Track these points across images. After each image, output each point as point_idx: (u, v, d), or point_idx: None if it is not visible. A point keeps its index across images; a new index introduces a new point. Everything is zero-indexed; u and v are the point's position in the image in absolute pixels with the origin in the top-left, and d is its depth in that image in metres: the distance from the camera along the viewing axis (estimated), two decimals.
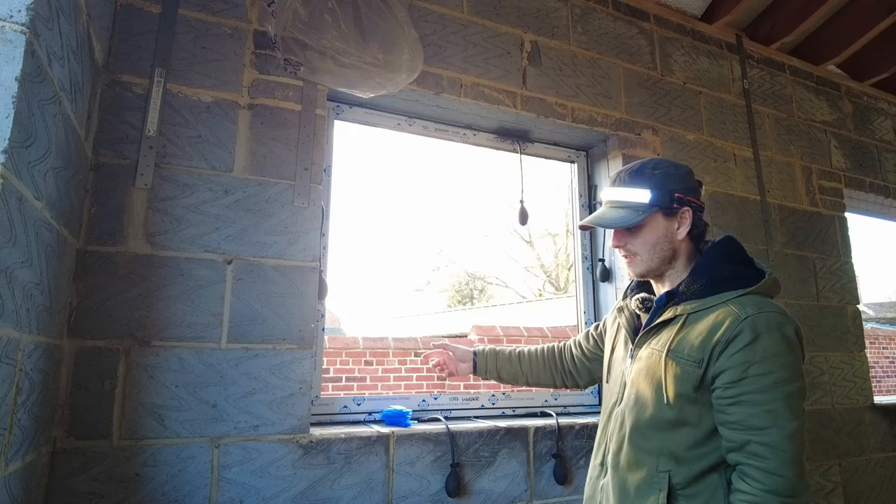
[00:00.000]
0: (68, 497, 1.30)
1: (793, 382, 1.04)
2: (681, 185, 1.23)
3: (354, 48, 1.62)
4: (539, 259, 20.26)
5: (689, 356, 1.10)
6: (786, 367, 1.04)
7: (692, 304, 1.15)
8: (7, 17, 0.87)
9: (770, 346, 1.04)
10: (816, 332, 2.64)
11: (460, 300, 21.32)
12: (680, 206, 1.22)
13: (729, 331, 1.06)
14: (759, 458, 1.01)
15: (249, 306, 1.55)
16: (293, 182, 1.68)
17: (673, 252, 1.23)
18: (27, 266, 0.98)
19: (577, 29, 2.33)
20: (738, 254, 1.22)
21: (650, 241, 1.22)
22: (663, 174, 1.24)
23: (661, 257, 1.23)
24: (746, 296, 1.12)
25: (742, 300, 1.11)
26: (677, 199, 1.21)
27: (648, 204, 1.21)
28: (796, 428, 1.01)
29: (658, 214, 1.22)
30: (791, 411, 1.02)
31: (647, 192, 1.22)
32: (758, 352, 1.04)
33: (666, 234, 1.22)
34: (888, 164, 3.24)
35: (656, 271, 1.25)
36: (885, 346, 11.77)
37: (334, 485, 1.55)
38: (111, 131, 1.49)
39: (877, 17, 2.72)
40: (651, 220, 1.22)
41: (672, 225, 1.22)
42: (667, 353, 1.14)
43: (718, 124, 2.61)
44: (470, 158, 38.52)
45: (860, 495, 2.56)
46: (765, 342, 1.04)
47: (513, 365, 1.65)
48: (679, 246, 1.23)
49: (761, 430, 1.02)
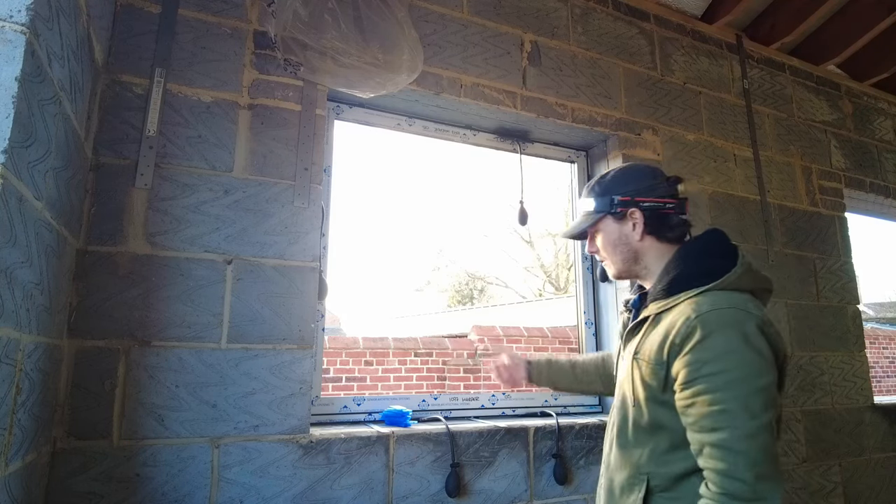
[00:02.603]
0: (68, 497, 1.30)
1: (751, 380, 0.98)
2: (628, 188, 1.24)
3: (354, 48, 1.62)
4: (539, 259, 20.27)
5: (650, 359, 1.10)
6: (741, 364, 0.99)
7: (658, 303, 1.15)
8: (7, 17, 0.87)
9: (721, 344, 1.00)
10: (816, 332, 2.64)
11: (460, 300, 21.32)
12: (625, 208, 1.23)
13: (682, 331, 1.04)
14: (715, 460, 0.97)
15: (249, 306, 1.55)
16: (293, 182, 1.68)
17: (634, 253, 1.24)
18: (27, 266, 0.98)
19: (577, 29, 2.33)
20: (718, 247, 1.17)
21: (608, 244, 1.27)
22: (611, 181, 1.27)
23: (622, 258, 1.25)
24: (706, 293, 1.08)
25: (699, 298, 1.07)
26: (620, 203, 1.23)
27: (594, 211, 1.27)
28: (755, 427, 0.96)
29: (608, 219, 1.25)
30: (748, 410, 0.96)
31: (591, 200, 1.28)
32: (709, 350, 1.01)
33: (620, 236, 1.24)
34: (888, 164, 3.24)
35: (628, 272, 1.27)
36: (885, 346, 11.77)
37: (334, 485, 1.55)
38: (111, 131, 1.49)
39: (877, 17, 2.72)
40: (603, 225, 1.27)
41: (625, 227, 1.24)
42: (633, 356, 1.15)
43: (718, 124, 2.61)
44: (470, 158, 38.54)
45: (860, 495, 2.56)
46: (716, 340, 1.01)
47: (566, 374, 1.60)
48: (640, 247, 1.23)
49: (715, 432, 0.98)
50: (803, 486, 2.40)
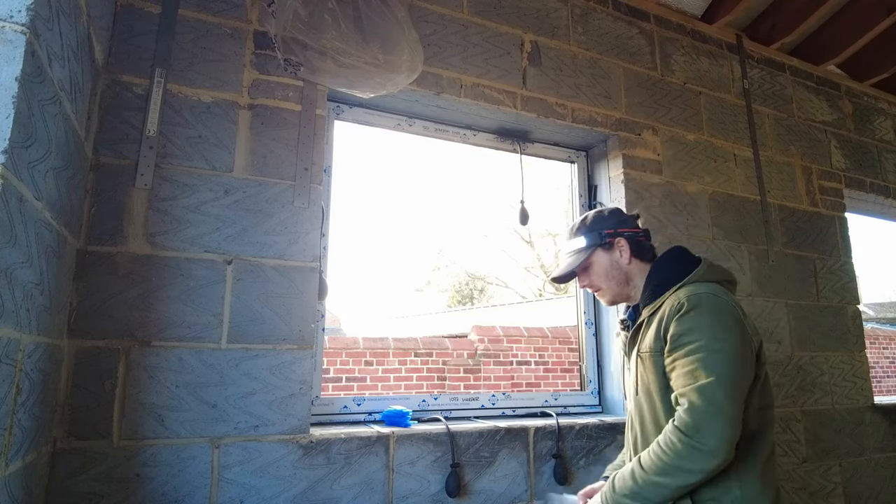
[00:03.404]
0: (68, 497, 1.30)
1: (714, 345, 1.16)
2: (609, 223, 1.47)
3: (354, 48, 1.62)
4: (539, 259, 20.27)
5: (650, 349, 1.29)
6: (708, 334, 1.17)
7: (648, 307, 1.35)
8: (7, 18, 0.87)
9: (694, 319, 1.20)
10: (816, 332, 2.64)
11: (460, 300, 21.32)
12: (612, 238, 1.44)
13: (670, 313, 1.25)
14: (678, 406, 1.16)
15: (249, 306, 1.55)
16: (293, 182, 1.68)
17: (625, 276, 1.45)
18: (27, 266, 0.98)
19: (577, 29, 2.33)
20: (683, 256, 1.41)
21: (602, 273, 1.45)
22: (592, 220, 1.49)
23: (617, 282, 1.45)
24: (684, 286, 1.30)
25: (679, 291, 1.29)
26: (607, 235, 1.45)
27: (586, 246, 1.46)
28: (710, 383, 1.12)
29: (598, 251, 1.45)
30: (707, 369, 1.14)
31: (582, 238, 1.48)
32: (684, 324, 1.21)
33: (611, 263, 1.45)
34: (888, 164, 3.24)
35: (621, 295, 1.46)
36: (885, 346, 11.77)
37: (334, 485, 1.55)
38: (111, 131, 1.49)
39: (877, 17, 2.72)
40: (595, 258, 1.46)
41: (614, 255, 1.45)
42: (637, 355, 1.34)
43: (718, 124, 2.61)
44: (470, 158, 38.55)
45: (860, 495, 2.56)
46: (691, 316, 1.21)
47: None
48: (629, 269, 1.44)
49: (683, 387, 1.16)
50: (803, 486, 2.40)
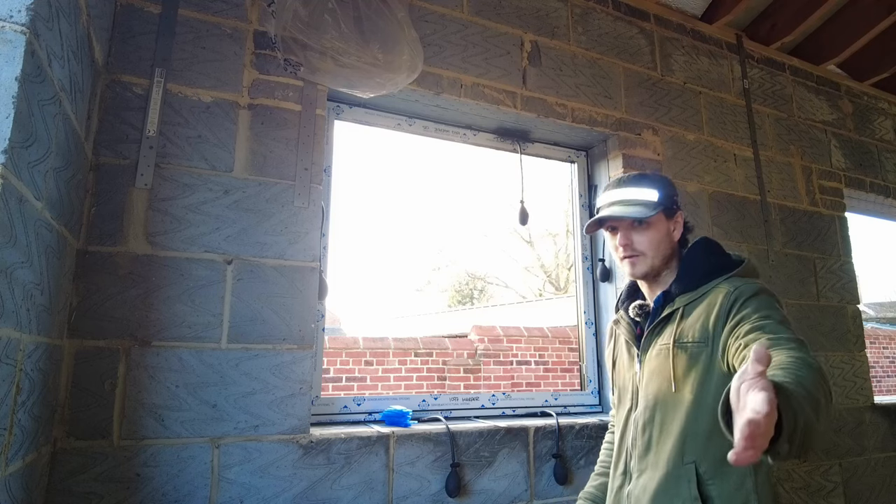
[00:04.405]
0: (68, 497, 1.30)
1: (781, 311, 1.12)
2: (675, 192, 1.36)
3: (354, 48, 1.62)
4: (539, 259, 20.28)
5: (694, 339, 1.18)
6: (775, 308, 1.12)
7: (686, 296, 1.25)
8: (7, 18, 0.87)
9: (761, 302, 1.13)
10: (816, 332, 2.64)
11: (460, 300, 21.32)
12: (678, 209, 1.34)
13: (725, 304, 1.16)
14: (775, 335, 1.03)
15: (249, 306, 1.55)
16: (293, 182, 1.68)
17: (671, 252, 1.32)
18: (27, 266, 0.98)
19: (577, 29, 2.33)
20: (717, 248, 1.33)
21: (655, 239, 1.29)
22: (664, 179, 1.36)
23: (662, 256, 1.30)
24: (731, 278, 1.23)
25: (729, 281, 1.22)
26: (675, 202, 1.33)
27: (657, 202, 1.29)
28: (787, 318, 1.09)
29: (661, 215, 1.30)
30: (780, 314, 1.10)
31: (654, 192, 1.31)
32: (750, 305, 1.12)
33: (667, 234, 1.31)
34: (888, 164, 3.24)
35: (656, 270, 1.32)
36: (885, 346, 11.77)
37: (334, 485, 1.55)
38: (111, 131, 1.49)
39: (877, 17, 2.71)
40: (657, 220, 1.30)
41: (671, 226, 1.33)
42: (673, 344, 1.21)
43: (718, 124, 2.61)
44: (470, 158, 38.55)
45: (860, 495, 2.56)
46: (755, 300, 1.14)
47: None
48: (674, 248, 1.34)
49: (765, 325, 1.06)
50: (803, 486, 2.40)
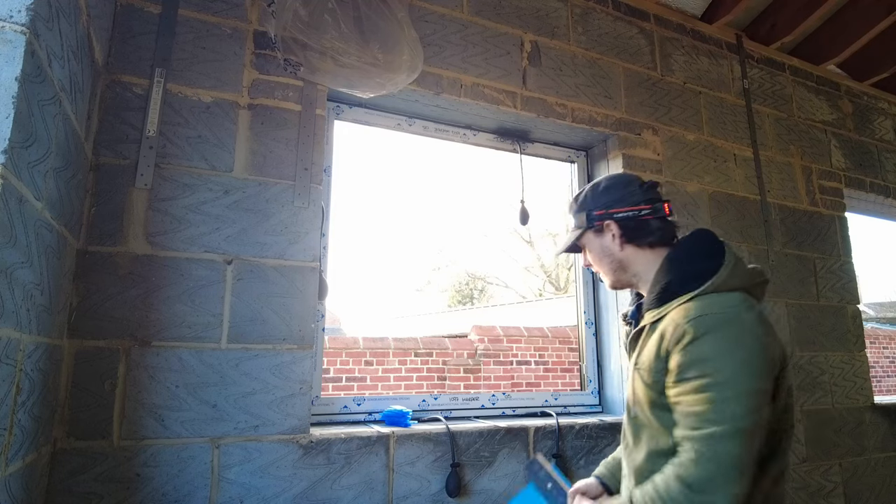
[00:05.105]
0: (68, 497, 1.30)
1: (729, 384, 0.96)
2: (601, 202, 1.27)
3: (354, 48, 1.62)
4: (539, 259, 20.28)
5: (648, 367, 1.09)
6: (721, 369, 0.97)
7: (652, 312, 1.14)
8: (7, 18, 0.87)
9: (704, 348, 0.99)
10: (816, 332, 2.64)
11: (460, 300, 21.33)
12: (601, 221, 1.25)
13: (672, 337, 1.04)
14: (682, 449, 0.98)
15: (249, 306, 1.55)
16: (293, 182, 1.68)
17: (619, 263, 1.25)
18: (27, 266, 0.98)
19: (577, 29, 2.33)
20: (704, 248, 1.16)
21: (596, 259, 1.29)
22: (585, 197, 1.31)
23: (611, 269, 1.27)
24: (696, 298, 1.07)
25: (689, 304, 1.06)
26: (596, 217, 1.26)
27: (577, 224, 1.31)
28: (723, 432, 0.93)
29: (589, 234, 1.28)
30: (719, 413, 0.94)
31: (580, 214, 1.30)
32: (692, 353, 1.00)
33: (602, 248, 1.27)
34: (888, 164, 3.24)
35: (620, 282, 1.29)
36: (885, 346, 11.76)
37: (334, 485, 1.55)
38: (111, 131, 1.49)
39: (877, 17, 2.72)
40: (586, 240, 1.30)
41: (605, 240, 1.26)
42: (633, 367, 1.15)
43: (718, 124, 2.61)
44: (470, 158, 38.55)
45: (860, 495, 2.56)
46: (701, 345, 1.00)
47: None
48: (623, 256, 1.24)
49: (691, 430, 0.97)
50: (803, 486, 2.40)
